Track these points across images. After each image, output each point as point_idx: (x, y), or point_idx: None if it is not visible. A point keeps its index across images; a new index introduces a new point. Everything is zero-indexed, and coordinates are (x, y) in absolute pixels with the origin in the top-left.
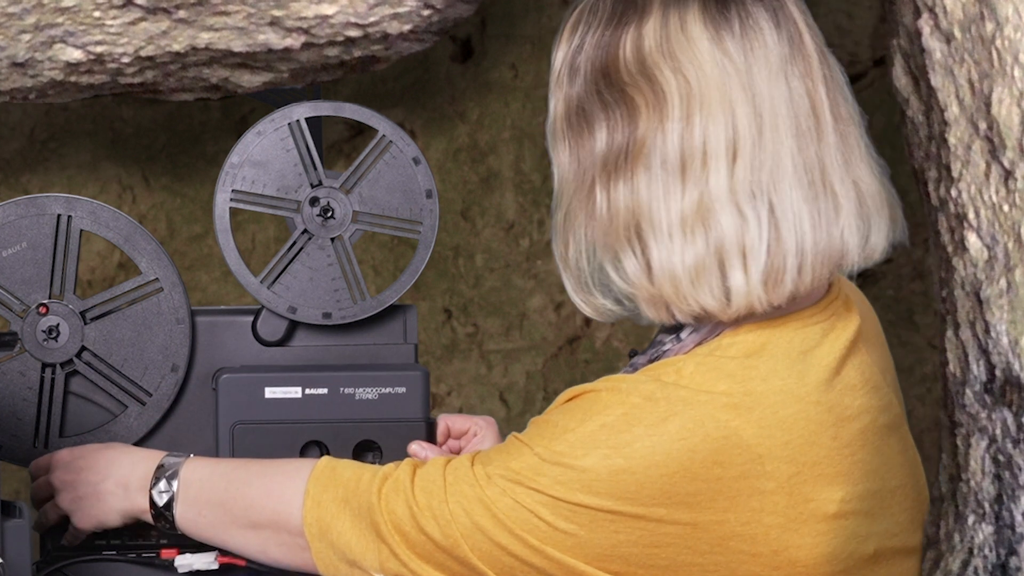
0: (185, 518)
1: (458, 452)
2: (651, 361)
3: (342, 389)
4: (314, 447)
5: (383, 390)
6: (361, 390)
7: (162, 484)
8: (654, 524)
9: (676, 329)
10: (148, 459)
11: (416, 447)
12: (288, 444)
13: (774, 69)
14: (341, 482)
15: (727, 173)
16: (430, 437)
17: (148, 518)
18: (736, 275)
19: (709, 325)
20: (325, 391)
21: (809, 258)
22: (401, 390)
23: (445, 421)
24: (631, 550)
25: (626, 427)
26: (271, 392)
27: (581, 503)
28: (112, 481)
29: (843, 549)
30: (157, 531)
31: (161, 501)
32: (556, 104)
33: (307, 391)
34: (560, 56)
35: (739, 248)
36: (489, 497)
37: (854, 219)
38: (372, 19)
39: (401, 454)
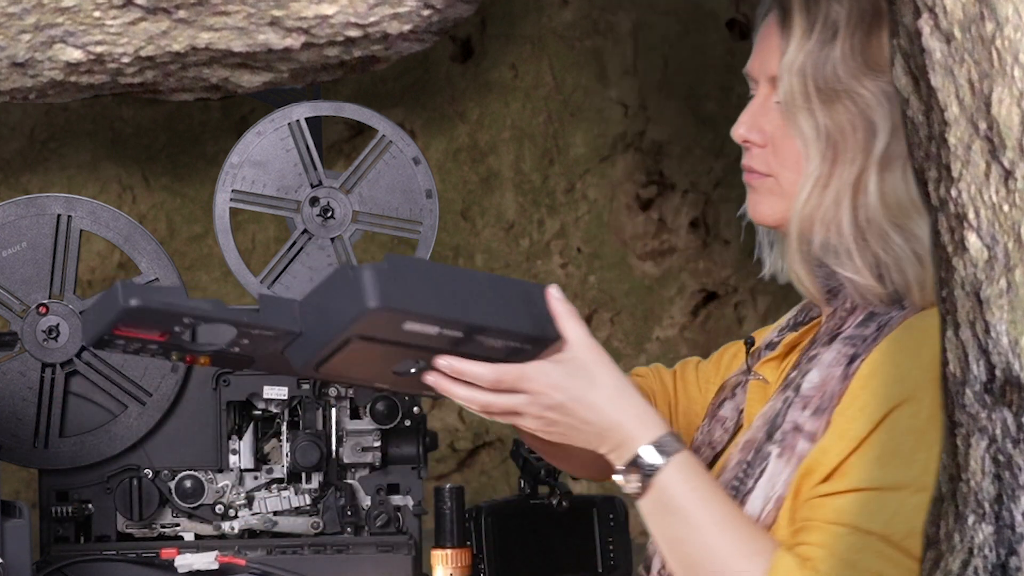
0: (647, 512)
1: None
2: (879, 329)
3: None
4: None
5: (511, 344)
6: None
7: (636, 476)
8: None
9: (895, 301)
10: (648, 429)
11: None
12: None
13: None
14: None
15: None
16: None
17: (614, 473)
18: None
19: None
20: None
21: None
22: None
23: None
24: None
25: None
26: (410, 326)
27: None
28: (614, 437)
29: None
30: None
31: (628, 489)
32: (795, 86)
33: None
34: (795, 49)
35: None
36: None
37: None
38: (372, 19)
39: None
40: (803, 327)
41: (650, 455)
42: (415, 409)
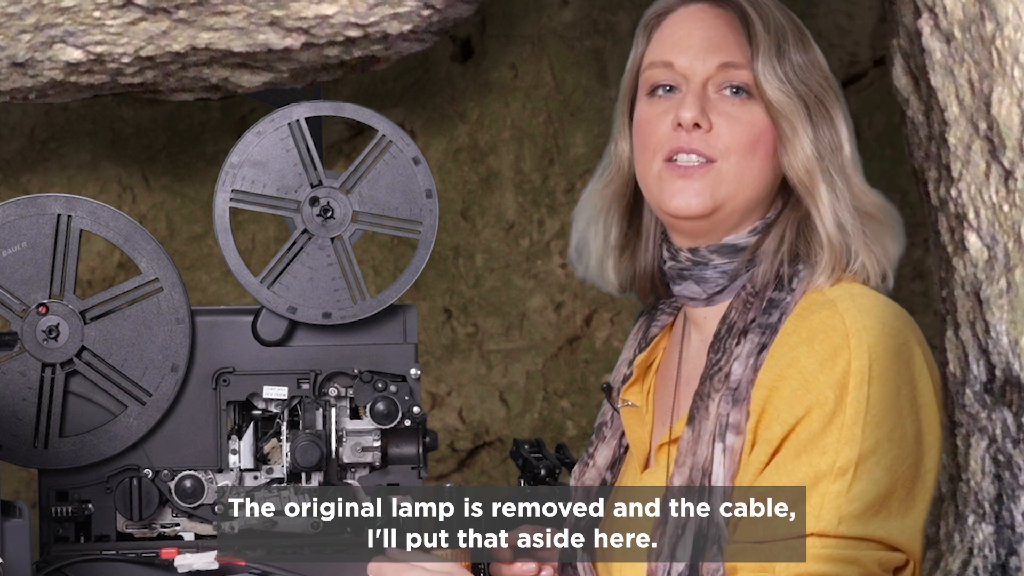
0: None
1: None
2: (780, 316)
3: None
4: None
5: None
6: None
7: None
8: None
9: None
10: None
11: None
12: None
13: None
14: None
15: None
16: None
17: None
18: None
19: None
20: None
21: None
22: None
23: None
24: None
25: None
26: None
27: None
28: None
29: None
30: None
31: None
32: (783, 94)
33: None
34: (769, 68)
35: None
36: None
37: None
38: (372, 19)
39: None
40: (649, 346)
41: None
42: (415, 409)
